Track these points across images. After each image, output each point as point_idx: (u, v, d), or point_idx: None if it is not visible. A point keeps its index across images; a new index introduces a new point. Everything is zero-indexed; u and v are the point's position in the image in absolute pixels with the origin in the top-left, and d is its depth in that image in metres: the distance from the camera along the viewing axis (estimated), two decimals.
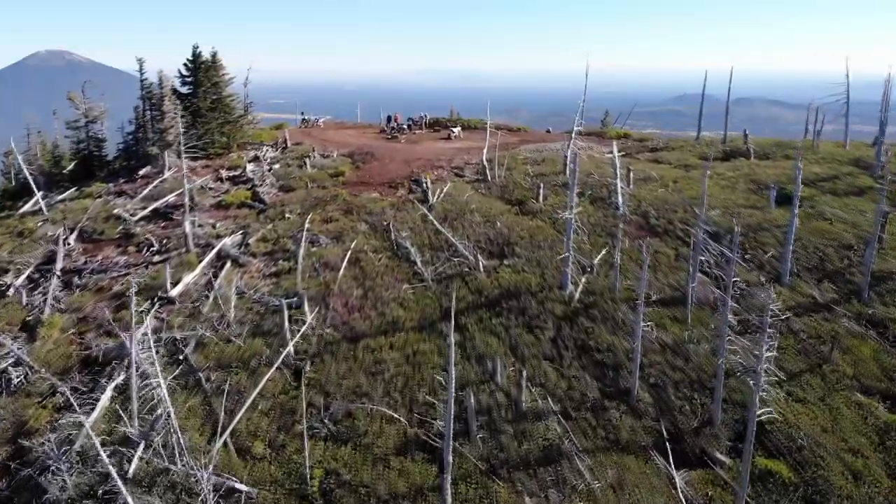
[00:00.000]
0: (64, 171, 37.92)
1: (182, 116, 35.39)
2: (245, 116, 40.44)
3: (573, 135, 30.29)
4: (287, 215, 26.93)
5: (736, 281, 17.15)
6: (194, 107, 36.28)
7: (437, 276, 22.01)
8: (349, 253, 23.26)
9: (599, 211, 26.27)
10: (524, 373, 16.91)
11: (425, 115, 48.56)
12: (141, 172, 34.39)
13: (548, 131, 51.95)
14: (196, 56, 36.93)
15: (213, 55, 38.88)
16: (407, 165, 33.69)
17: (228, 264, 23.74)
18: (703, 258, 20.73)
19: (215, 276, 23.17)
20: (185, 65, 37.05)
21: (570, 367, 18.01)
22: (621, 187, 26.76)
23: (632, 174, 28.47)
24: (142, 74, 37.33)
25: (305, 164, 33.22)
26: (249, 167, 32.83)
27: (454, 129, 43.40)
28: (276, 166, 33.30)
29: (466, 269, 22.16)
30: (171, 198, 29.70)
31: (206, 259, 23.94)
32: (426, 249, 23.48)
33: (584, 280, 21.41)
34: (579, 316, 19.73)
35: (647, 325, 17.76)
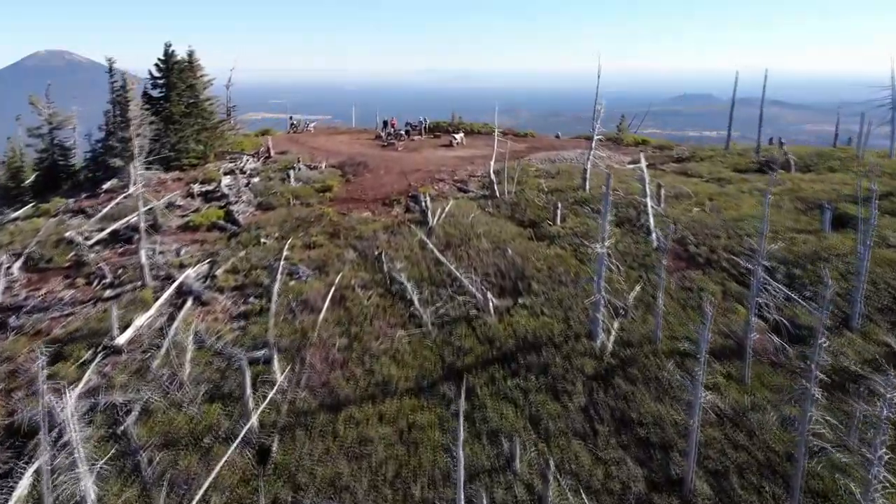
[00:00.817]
0: (22, 184, 34.16)
1: (152, 123, 31.70)
2: (226, 122, 36.69)
3: (593, 145, 26.59)
4: (263, 240, 23.18)
5: (819, 340, 13.38)
6: (167, 112, 32.56)
7: (439, 318, 18.27)
8: (333, 289, 19.52)
9: (628, 236, 22.51)
10: (551, 462, 13.13)
11: (425, 120, 44.83)
12: (105, 186, 30.65)
13: (557, 136, 48.25)
14: (168, 56, 33.19)
15: (190, 54, 35.19)
16: (404, 178, 29.97)
17: (189, 302, 20.00)
18: (760, 299, 17.03)
19: (173, 317, 19.43)
20: (156, 65, 33.32)
21: (608, 447, 14.23)
22: (652, 207, 23.02)
23: (663, 191, 24.71)
24: (111, 76, 33.64)
25: (289, 176, 29.48)
26: (225, 181, 29.07)
27: (456, 136, 39.69)
28: (256, 179, 29.54)
29: (474, 311, 18.42)
30: (132, 218, 25.88)
31: (164, 296, 20.19)
32: (425, 285, 19.74)
33: (616, 326, 17.65)
34: (615, 375, 15.96)
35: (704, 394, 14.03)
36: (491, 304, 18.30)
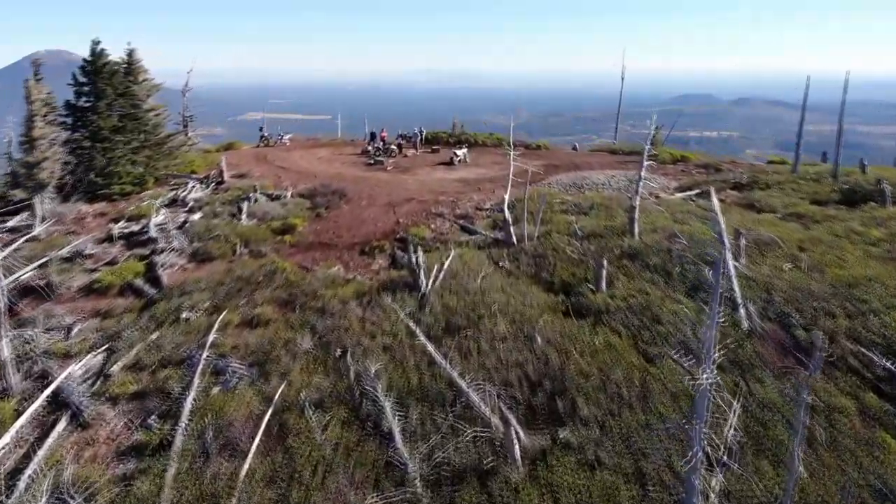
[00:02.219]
0: None
1: (69, 142, 25.13)
2: (175, 136, 30.04)
3: (642, 173, 20.00)
4: (185, 314, 16.47)
5: None
6: (94, 126, 25.94)
7: (434, 471, 11.61)
8: (271, 410, 12.86)
9: (704, 311, 15.84)
10: None
11: (421, 131, 38.22)
12: (9, 224, 23.94)
13: (574, 148, 41.64)
14: (96, 56, 26.57)
15: (130, 53, 28.69)
16: (391, 212, 23.37)
17: (63, 423, 13.38)
18: None
19: (35, 449, 12.82)
20: (81, 68, 26.72)
21: None
22: (734, 266, 16.39)
23: (743, 241, 18.10)
24: (38, 82, 27.06)
25: (241, 210, 22.83)
26: (157, 218, 22.31)
27: (458, 151, 33.08)
28: (197, 216, 22.83)
29: (489, 456, 11.76)
30: (27, 273, 19.25)
31: (28, 412, 13.54)
32: (413, 402, 13.06)
33: (716, 486, 11.02)
34: None
35: None
36: (517, 445, 11.62)
